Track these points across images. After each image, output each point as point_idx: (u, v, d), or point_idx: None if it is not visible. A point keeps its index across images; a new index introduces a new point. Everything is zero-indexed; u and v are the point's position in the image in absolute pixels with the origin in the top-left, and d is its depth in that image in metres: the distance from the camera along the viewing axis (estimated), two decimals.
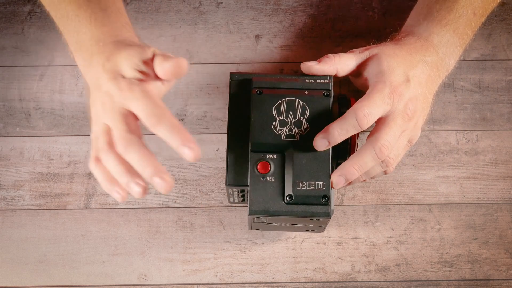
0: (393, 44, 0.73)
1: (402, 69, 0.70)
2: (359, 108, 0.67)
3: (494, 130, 0.83)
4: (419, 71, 0.71)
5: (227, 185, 0.71)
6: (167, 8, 0.86)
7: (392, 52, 0.71)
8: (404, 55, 0.71)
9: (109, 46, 0.67)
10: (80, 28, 0.69)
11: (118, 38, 0.68)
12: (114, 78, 0.64)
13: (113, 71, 0.64)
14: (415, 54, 0.72)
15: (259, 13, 0.86)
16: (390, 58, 0.70)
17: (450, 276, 0.80)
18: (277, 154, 0.69)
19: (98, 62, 0.66)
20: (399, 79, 0.69)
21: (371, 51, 0.72)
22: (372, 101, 0.68)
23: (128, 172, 0.63)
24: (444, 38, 0.73)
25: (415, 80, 0.70)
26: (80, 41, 0.69)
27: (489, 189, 0.82)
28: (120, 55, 0.65)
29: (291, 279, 0.80)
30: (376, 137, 0.68)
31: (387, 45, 0.73)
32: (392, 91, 0.68)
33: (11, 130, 0.83)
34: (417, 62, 0.71)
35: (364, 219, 0.81)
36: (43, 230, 0.81)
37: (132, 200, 0.81)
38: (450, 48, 0.74)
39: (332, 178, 0.68)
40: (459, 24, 0.73)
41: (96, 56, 0.67)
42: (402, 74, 0.70)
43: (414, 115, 0.69)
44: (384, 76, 0.69)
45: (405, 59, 0.71)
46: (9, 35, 0.85)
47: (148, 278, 0.80)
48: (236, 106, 0.72)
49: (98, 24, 0.69)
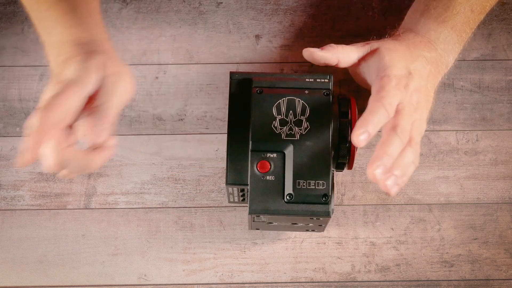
0: (392, 39, 0.74)
1: (403, 63, 0.70)
2: (381, 98, 0.67)
3: (494, 130, 0.83)
4: (419, 65, 0.71)
5: (227, 184, 0.71)
6: (167, 8, 0.86)
7: (392, 46, 0.71)
8: (403, 50, 0.71)
9: (71, 49, 0.66)
10: (51, 29, 0.68)
11: (83, 40, 0.67)
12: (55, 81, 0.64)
13: (57, 75, 0.64)
14: (413, 49, 0.72)
15: (259, 13, 0.86)
16: (391, 52, 0.71)
17: (450, 276, 0.80)
18: (277, 153, 0.69)
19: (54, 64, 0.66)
20: (402, 72, 0.69)
21: (371, 45, 0.73)
22: (387, 92, 0.67)
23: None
24: (442, 35, 0.73)
25: (417, 73, 0.70)
26: (52, 42, 0.68)
27: (489, 189, 0.82)
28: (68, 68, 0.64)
29: (291, 279, 0.80)
30: (395, 123, 0.67)
31: (387, 40, 0.73)
32: (398, 83, 0.68)
33: (11, 130, 0.83)
34: (416, 56, 0.71)
35: (364, 219, 0.81)
36: (43, 230, 0.81)
37: (132, 200, 0.81)
38: (449, 45, 0.74)
39: (369, 173, 0.65)
40: (456, 21, 0.74)
41: (58, 57, 0.66)
42: (403, 67, 0.70)
43: (419, 106, 0.70)
44: (386, 70, 0.69)
45: (405, 54, 0.71)
46: (9, 35, 0.85)
47: (148, 278, 0.80)
48: (236, 105, 0.72)
49: (66, 25, 0.68)
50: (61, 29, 0.67)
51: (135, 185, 0.82)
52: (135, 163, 0.82)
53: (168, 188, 0.82)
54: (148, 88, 0.84)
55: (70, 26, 0.67)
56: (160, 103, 0.83)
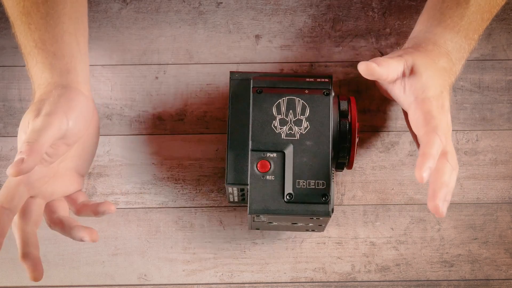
0: (419, 52, 0.72)
1: (437, 81, 0.70)
2: (435, 128, 0.67)
3: (494, 130, 0.83)
4: (444, 80, 0.71)
5: (227, 184, 0.71)
6: (167, 8, 0.86)
7: (424, 62, 0.71)
8: (432, 66, 0.71)
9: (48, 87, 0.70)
10: (31, 67, 0.72)
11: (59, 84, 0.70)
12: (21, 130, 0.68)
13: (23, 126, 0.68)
14: (437, 62, 0.71)
15: (259, 13, 0.86)
16: (427, 71, 0.70)
17: (450, 276, 0.80)
18: (277, 153, 0.69)
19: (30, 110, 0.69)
20: (437, 91, 0.70)
21: (406, 59, 0.71)
22: (438, 119, 0.68)
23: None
24: (456, 45, 0.73)
25: (446, 90, 0.71)
26: (32, 76, 0.72)
27: (489, 189, 0.82)
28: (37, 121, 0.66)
29: (291, 279, 0.80)
30: (444, 151, 0.68)
31: (417, 54, 0.72)
32: (438, 106, 0.69)
33: (11, 130, 0.83)
34: (440, 70, 0.71)
35: (364, 219, 0.81)
36: (43, 230, 0.80)
37: (132, 200, 0.81)
38: (460, 54, 0.74)
39: (434, 208, 0.65)
40: (469, 30, 0.74)
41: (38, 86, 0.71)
42: (438, 86, 0.70)
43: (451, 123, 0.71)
44: (425, 91, 0.69)
45: (435, 70, 0.71)
46: (9, 35, 0.85)
47: (148, 278, 0.80)
48: (236, 105, 0.72)
49: (45, 68, 0.71)
50: (37, 71, 0.71)
51: (135, 185, 0.82)
52: (135, 163, 0.82)
53: (168, 188, 0.82)
54: (148, 88, 0.84)
55: (50, 69, 0.71)
56: (160, 103, 0.83)
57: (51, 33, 0.70)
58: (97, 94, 0.83)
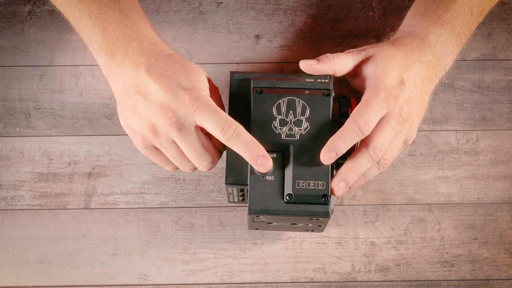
0: (390, 44, 0.73)
1: (397, 72, 0.70)
2: (359, 116, 0.67)
3: (494, 130, 0.83)
4: (414, 72, 0.71)
5: (227, 184, 0.71)
6: (167, 8, 0.86)
7: (388, 53, 0.71)
8: (400, 56, 0.71)
9: (153, 55, 0.69)
10: (107, 25, 0.70)
11: (153, 41, 0.70)
12: (173, 90, 0.67)
13: (172, 84, 0.67)
14: (410, 54, 0.71)
15: (259, 13, 0.86)
16: (385, 60, 0.70)
17: (450, 276, 0.80)
18: (277, 153, 0.69)
19: (139, 65, 0.68)
20: (394, 82, 0.69)
21: (367, 51, 0.72)
22: (369, 107, 0.68)
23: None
24: (441, 38, 0.73)
25: (411, 82, 0.70)
26: (108, 37, 0.70)
27: (489, 189, 0.82)
28: (188, 72, 0.68)
29: (291, 279, 0.80)
30: (370, 139, 0.68)
31: (383, 46, 0.73)
32: (387, 95, 0.68)
33: (11, 130, 0.83)
34: (412, 63, 0.71)
35: (364, 219, 0.81)
36: (43, 230, 0.81)
37: (132, 200, 0.81)
38: (447, 48, 0.73)
39: (332, 186, 0.68)
40: (456, 24, 0.73)
41: (135, 56, 0.69)
42: (396, 76, 0.70)
43: (409, 117, 0.70)
44: (378, 79, 0.69)
45: (401, 61, 0.71)
46: (9, 35, 0.85)
47: (148, 278, 0.80)
48: (236, 105, 0.72)
49: (129, 23, 0.70)
50: (122, 26, 0.71)
51: (135, 185, 0.82)
52: (135, 163, 0.82)
53: (168, 188, 0.82)
54: None
55: (134, 25, 0.71)
56: None
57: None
58: (97, 94, 0.83)
